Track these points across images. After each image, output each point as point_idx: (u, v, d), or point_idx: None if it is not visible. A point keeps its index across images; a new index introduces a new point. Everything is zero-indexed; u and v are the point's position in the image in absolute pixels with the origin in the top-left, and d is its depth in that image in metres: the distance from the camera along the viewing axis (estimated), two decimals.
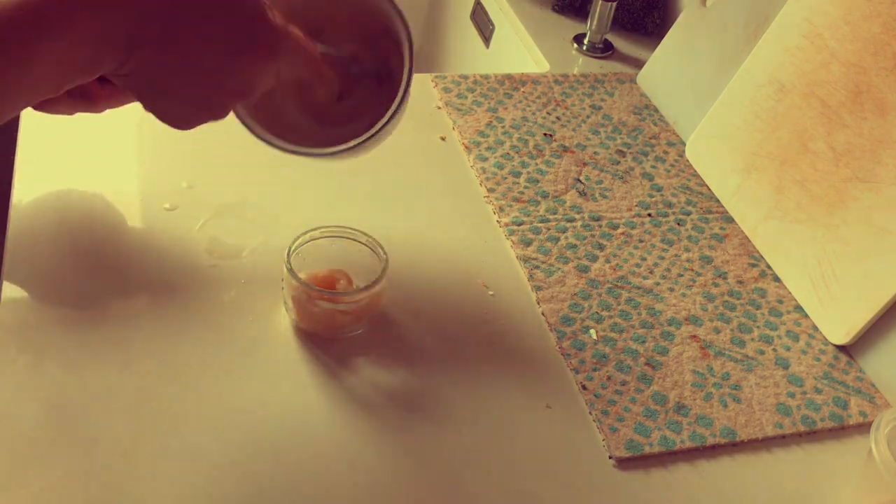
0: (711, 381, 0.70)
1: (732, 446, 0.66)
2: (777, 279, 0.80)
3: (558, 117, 0.97)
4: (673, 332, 0.73)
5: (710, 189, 0.90)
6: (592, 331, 0.72)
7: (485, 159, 0.88)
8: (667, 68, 1.01)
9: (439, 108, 0.95)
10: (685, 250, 0.82)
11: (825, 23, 0.80)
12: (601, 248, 0.80)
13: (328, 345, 0.67)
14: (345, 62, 0.66)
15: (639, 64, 1.09)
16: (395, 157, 0.87)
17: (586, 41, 1.13)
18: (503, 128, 0.93)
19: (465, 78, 1.00)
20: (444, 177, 0.86)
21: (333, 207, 0.79)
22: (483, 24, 1.27)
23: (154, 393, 0.61)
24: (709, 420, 0.67)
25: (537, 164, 0.89)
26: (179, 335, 0.66)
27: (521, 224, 0.81)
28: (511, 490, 0.60)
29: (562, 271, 0.77)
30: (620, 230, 0.83)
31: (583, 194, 0.86)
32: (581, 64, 1.10)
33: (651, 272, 0.79)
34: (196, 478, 0.57)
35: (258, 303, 0.69)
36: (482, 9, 1.27)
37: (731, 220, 0.86)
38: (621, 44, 1.15)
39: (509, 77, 1.02)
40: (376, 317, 0.69)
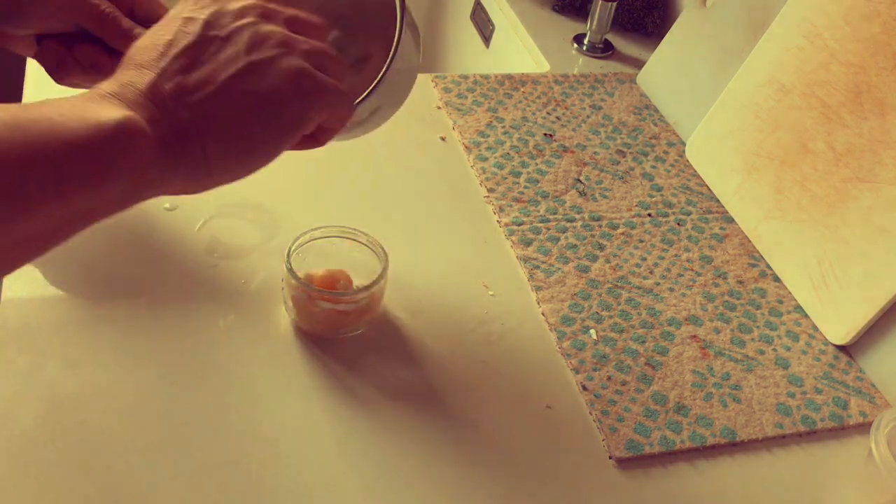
0: (711, 381, 0.70)
1: (732, 446, 0.66)
2: (777, 279, 0.80)
3: (558, 117, 0.97)
4: (673, 332, 0.73)
5: (710, 189, 0.90)
6: (592, 331, 0.72)
7: (485, 159, 0.88)
8: (667, 68, 1.01)
9: (439, 108, 0.95)
10: (685, 250, 0.82)
11: (825, 23, 0.80)
12: (601, 248, 0.80)
13: (328, 345, 0.67)
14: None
15: (639, 64, 1.09)
16: (395, 157, 0.87)
17: (586, 41, 1.13)
18: (503, 128, 0.93)
19: (465, 78, 1.00)
20: (444, 177, 0.86)
21: (333, 207, 0.79)
22: (483, 24, 1.27)
23: (154, 393, 0.61)
24: (709, 420, 0.67)
25: (537, 164, 0.89)
26: (179, 335, 0.66)
27: (521, 224, 0.81)
28: (511, 490, 0.60)
29: (562, 271, 0.77)
30: (620, 230, 0.83)
31: (583, 194, 0.86)
32: (581, 64, 1.10)
33: (651, 272, 0.79)
34: (196, 478, 0.57)
35: (258, 303, 0.69)
36: (482, 9, 1.27)
37: (731, 220, 0.86)
38: (621, 44, 1.15)
39: (509, 77, 1.02)
40: (376, 317, 0.69)
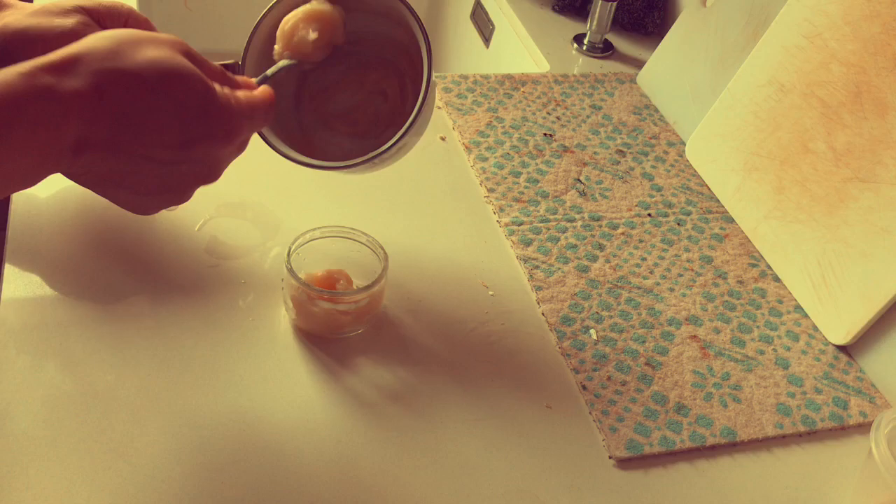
0: (711, 381, 0.70)
1: (732, 446, 0.66)
2: (777, 279, 0.80)
3: (558, 117, 0.97)
4: (673, 332, 0.73)
5: (710, 189, 0.90)
6: (592, 331, 0.72)
7: (485, 159, 0.88)
8: (667, 68, 1.01)
9: (439, 108, 0.95)
10: (685, 250, 0.82)
11: (825, 23, 0.80)
12: (601, 248, 0.80)
13: (328, 345, 0.67)
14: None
15: (639, 64, 1.09)
16: None
17: (586, 41, 1.13)
18: (503, 128, 0.93)
19: (465, 78, 1.00)
20: (444, 177, 0.86)
21: (333, 207, 0.79)
22: (483, 24, 1.27)
23: (154, 393, 0.61)
24: (709, 420, 0.67)
25: (537, 164, 0.89)
26: (179, 335, 0.66)
27: (521, 224, 0.81)
28: (511, 490, 0.60)
29: (562, 271, 0.77)
30: (620, 230, 0.83)
31: (583, 194, 0.86)
32: (581, 64, 1.10)
33: (651, 272, 0.79)
34: (196, 477, 0.57)
35: (258, 303, 0.69)
36: (482, 9, 1.27)
37: (731, 220, 0.86)
38: (621, 44, 1.15)
39: (509, 77, 1.02)
40: (376, 317, 0.69)
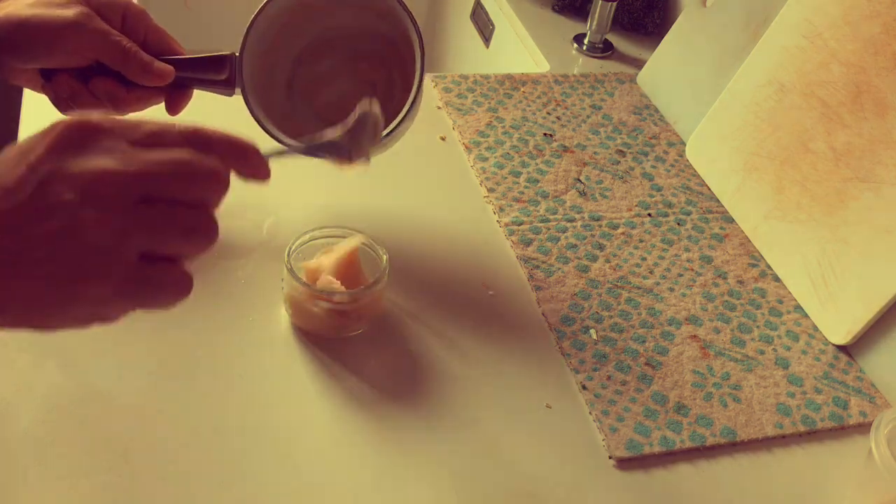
0: (711, 381, 0.70)
1: (732, 446, 0.66)
2: (777, 279, 0.80)
3: (558, 117, 0.97)
4: (673, 332, 0.73)
5: (710, 189, 0.90)
6: (592, 331, 0.72)
7: (485, 159, 0.88)
8: (667, 68, 1.01)
9: (439, 108, 0.95)
10: (685, 250, 0.82)
11: (825, 23, 0.80)
12: (601, 248, 0.80)
13: (328, 345, 0.67)
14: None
15: (639, 64, 1.09)
16: (395, 157, 0.87)
17: (586, 41, 1.13)
18: (503, 128, 0.93)
19: (465, 78, 1.00)
20: (444, 177, 0.86)
21: (333, 207, 0.79)
22: (483, 24, 1.27)
23: (154, 393, 0.61)
24: (709, 420, 0.67)
25: (537, 164, 0.89)
26: (179, 335, 0.66)
27: (521, 224, 0.81)
28: (511, 490, 0.60)
29: (562, 271, 0.77)
30: (620, 230, 0.83)
31: (583, 194, 0.86)
32: (581, 64, 1.10)
33: (651, 272, 0.79)
34: (196, 477, 0.57)
35: (258, 303, 0.69)
36: (482, 9, 1.27)
37: (731, 220, 0.86)
38: (621, 44, 1.15)
39: (509, 77, 1.02)
40: (376, 317, 0.69)
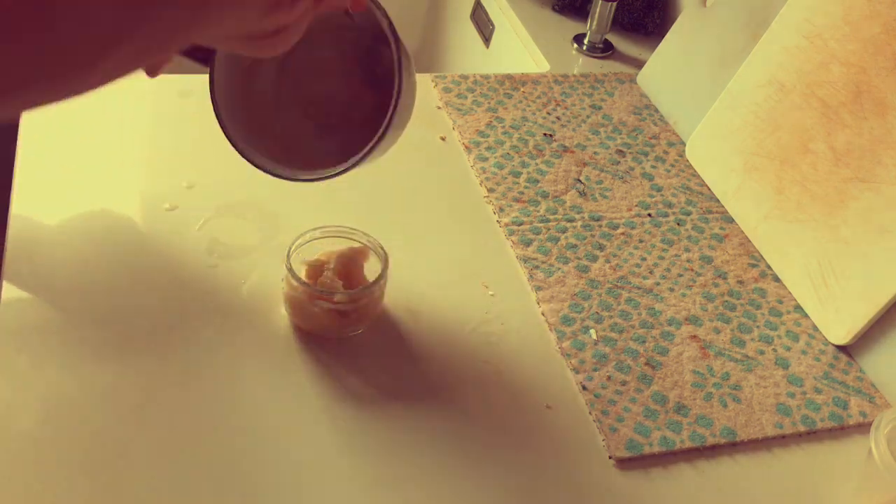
0: (711, 381, 0.70)
1: (732, 446, 0.66)
2: (777, 279, 0.80)
3: (558, 117, 0.97)
4: (673, 332, 0.73)
5: (710, 189, 0.90)
6: (592, 331, 0.72)
7: (485, 159, 0.88)
8: (667, 68, 1.01)
9: (439, 108, 0.95)
10: (685, 250, 0.82)
11: (825, 23, 0.80)
12: (601, 248, 0.80)
13: (328, 345, 0.67)
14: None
15: (639, 64, 1.09)
16: (395, 156, 0.87)
17: (586, 41, 1.13)
18: (503, 128, 0.93)
19: (465, 78, 1.00)
20: (444, 177, 0.86)
21: (333, 207, 0.79)
22: (483, 24, 1.27)
23: (154, 393, 0.61)
24: (709, 420, 0.67)
25: (537, 164, 0.89)
26: (179, 335, 0.66)
27: (521, 224, 0.81)
28: (511, 490, 0.60)
29: (562, 271, 0.77)
30: (620, 230, 0.83)
31: (583, 194, 0.86)
32: (581, 64, 1.10)
33: (651, 272, 0.79)
34: (196, 477, 0.57)
35: (258, 303, 0.69)
36: (482, 9, 1.27)
37: (731, 220, 0.86)
38: (621, 44, 1.15)
39: (509, 77, 1.02)
40: (376, 317, 0.69)
